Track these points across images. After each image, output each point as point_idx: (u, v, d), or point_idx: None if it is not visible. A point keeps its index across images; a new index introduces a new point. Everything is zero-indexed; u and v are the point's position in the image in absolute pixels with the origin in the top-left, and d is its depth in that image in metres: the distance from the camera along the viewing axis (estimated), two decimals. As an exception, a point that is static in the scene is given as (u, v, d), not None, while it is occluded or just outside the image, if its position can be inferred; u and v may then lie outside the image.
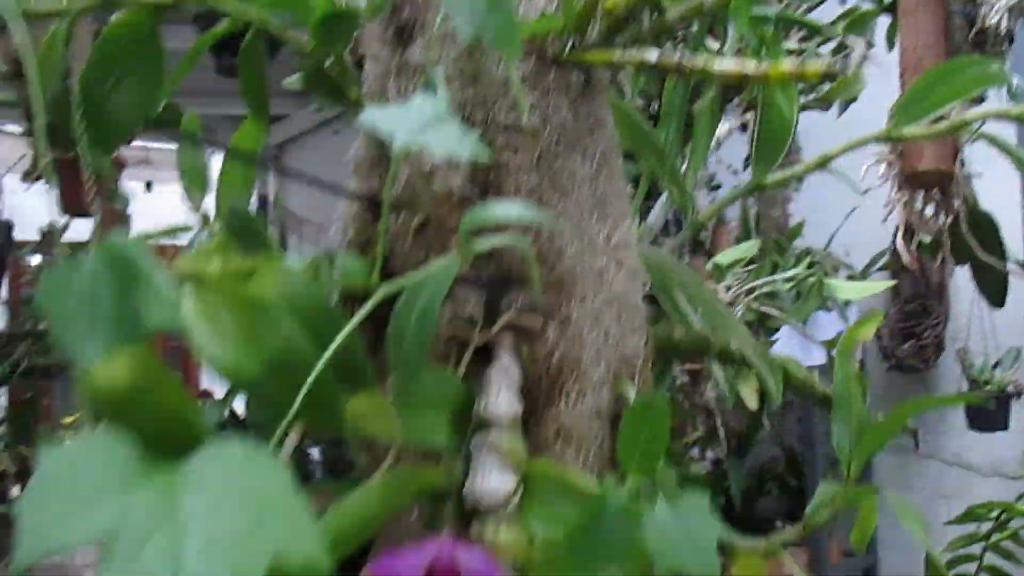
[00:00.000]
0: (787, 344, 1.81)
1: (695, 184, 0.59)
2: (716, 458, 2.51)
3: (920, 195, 0.95)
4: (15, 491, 2.06)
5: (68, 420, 2.20)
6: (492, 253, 0.40)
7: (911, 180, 0.92)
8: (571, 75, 0.42)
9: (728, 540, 0.60)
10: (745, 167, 2.27)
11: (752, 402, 1.73)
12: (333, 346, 0.27)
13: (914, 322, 2.40)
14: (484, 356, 0.40)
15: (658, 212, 0.61)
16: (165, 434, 0.23)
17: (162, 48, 0.44)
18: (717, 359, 0.56)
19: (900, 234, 1.15)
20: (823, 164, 0.55)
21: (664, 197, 0.60)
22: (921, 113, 0.47)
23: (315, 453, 3.65)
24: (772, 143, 0.56)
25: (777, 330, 1.72)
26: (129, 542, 0.20)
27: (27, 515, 0.20)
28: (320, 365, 0.26)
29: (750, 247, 1.77)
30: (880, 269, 2.35)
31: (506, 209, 0.33)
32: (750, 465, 2.73)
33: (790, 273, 1.62)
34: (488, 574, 0.30)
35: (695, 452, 2.59)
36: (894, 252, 2.29)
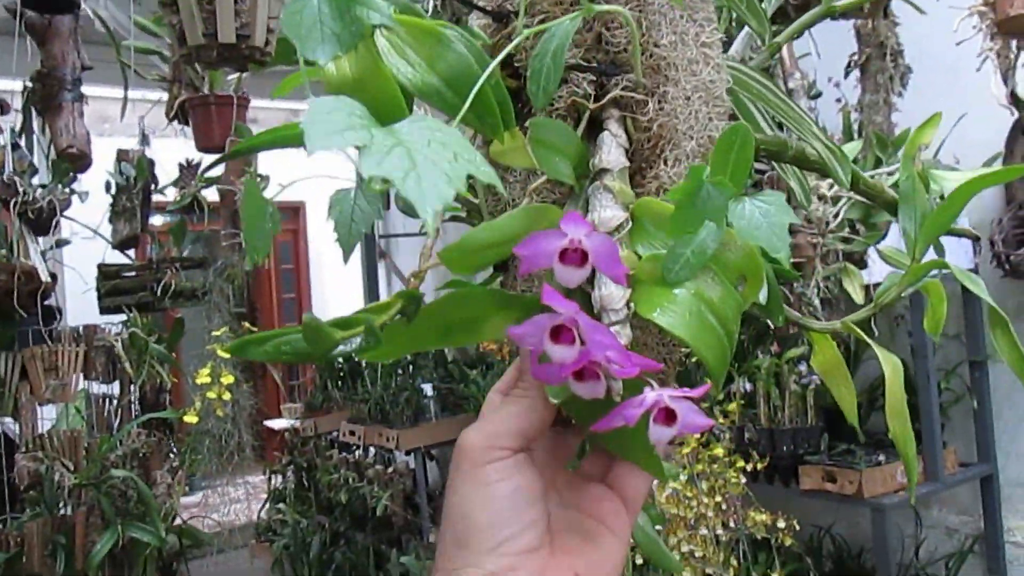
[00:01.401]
0: (897, 241, 1.82)
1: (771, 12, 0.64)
2: (825, 372, 2.54)
3: (1014, 43, 0.95)
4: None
5: (216, 333, 2.42)
6: (602, 42, 0.48)
7: (1004, 27, 0.92)
8: None
9: (804, 321, 0.66)
10: (846, 75, 2.25)
11: (858, 297, 1.76)
12: (494, 64, 0.36)
13: (1029, 226, 2.34)
14: (597, 129, 0.48)
15: (740, 43, 0.66)
16: (381, 110, 0.33)
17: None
18: (793, 162, 0.62)
19: (993, 83, 1.14)
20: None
21: (745, 30, 0.65)
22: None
23: (428, 389, 3.80)
24: None
25: (886, 228, 1.73)
26: (378, 150, 0.30)
27: (307, 130, 0.30)
28: (483, 77, 0.36)
29: (853, 147, 1.78)
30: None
31: None
32: (861, 379, 2.73)
33: (894, 167, 1.62)
34: (608, 250, 0.38)
35: (802, 368, 2.62)
36: (1006, 157, 2.24)
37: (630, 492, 0.44)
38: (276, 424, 4.38)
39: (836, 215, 1.62)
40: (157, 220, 3.27)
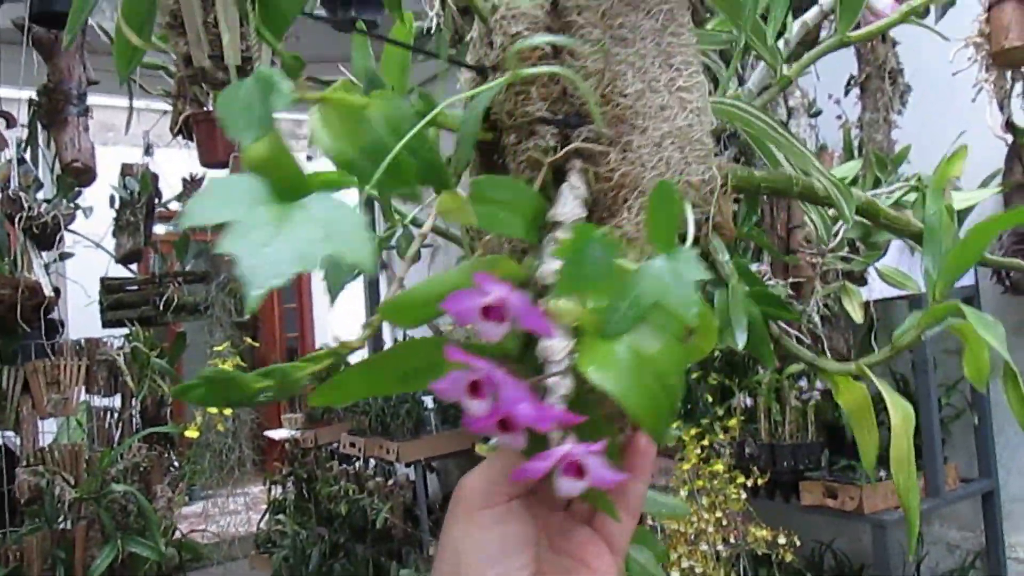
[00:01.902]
0: (896, 260, 1.82)
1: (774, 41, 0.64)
2: (825, 387, 2.54)
3: (1008, 73, 0.96)
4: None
5: (218, 348, 2.43)
6: (567, 95, 0.49)
7: (999, 59, 0.93)
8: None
9: (819, 362, 0.65)
10: (846, 93, 2.26)
11: (857, 316, 1.76)
12: (404, 140, 0.39)
13: (1029, 243, 2.34)
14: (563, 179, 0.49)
15: (757, 76, 0.66)
16: (285, 186, 0.37)
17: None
18: (800, 197, 0.61)
19: (988, 112, 1.15)
20: (906, 17, 0.60)
21: (762, 64, 0.66)
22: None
23: (428, 402, 3.80)
24: (851, 1, 0.61)
25: (885, 247, 1.74)
26: (238, 229, 0.33)
27: (189, 206, 0.34)
28: (395, 150, 0.38)
29: (853, 167, 1.79)
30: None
31: (545, 38, 0.45)
32: (861, 395, 2.73)
33: (893, 187, 1.62)
34: (524, 306, 0.38)
35: (803, 383, 2.62)
36: (1006, 174, 2.25)
37: (613, 534, 0.45)
38: (277, 434, 4.38)
39: (836, 234, 1.63)
40: (160, 229, 3.29)
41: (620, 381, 0.38)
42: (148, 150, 3.12)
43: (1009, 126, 1.16)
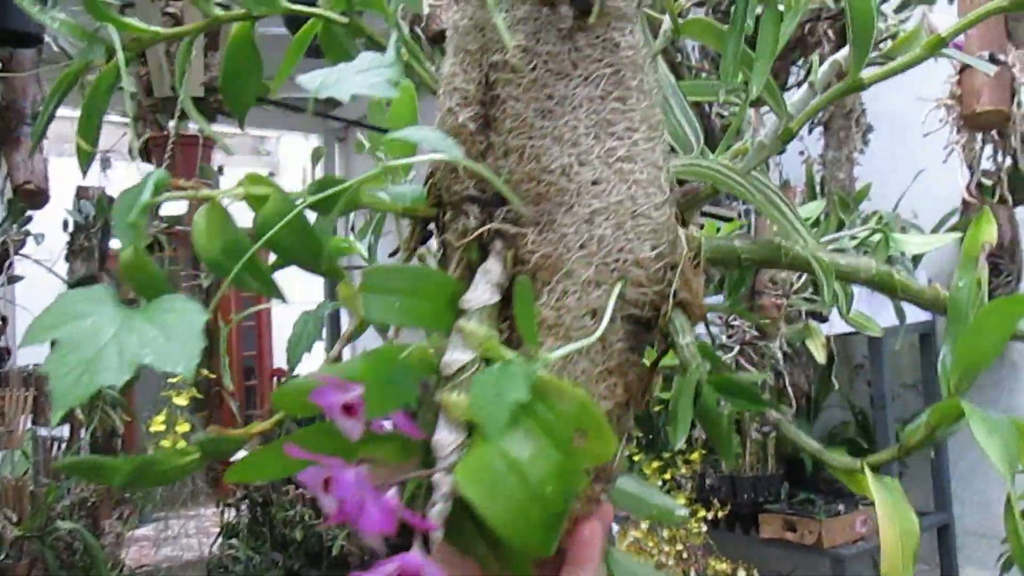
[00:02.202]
0: (857, 298, 1.83)
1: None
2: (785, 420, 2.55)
3: (979, 136, 0.97)
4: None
5: (172, 380, 2.37)
6: (496, 173, 0.46)
7: (970, 121, 0.94)
8: (561, 10, 0.46)
9: (823, 456, 0.61)
10: (810, 131, 2.29)
11: (820, 356, 1.77)
12: (261, 242, 0.40)
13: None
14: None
15: (771, 128, 0.63)
16: (147, 287, 0.40)
17: (257, 48, 0.58)
18: (790, 267, 0.58)
19: (960, 174, 1.16)
20: (933, 51, 0.56)
21: (775, 117, 0.62)
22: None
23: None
24: (862, 39, 0.57)
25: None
26: (70, 343, 0.35)
27: (34, 322, 0.36)
28: (252, 250, 0.40)
29: (816, 207, 1.80)
30: (950, 230, 2.34)
31: (410, 133, 0.44)
32: (821, 427, 2.76)
33: (857, 229, 1.64)
34: (403, 422, 0.37)
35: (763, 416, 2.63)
36: (963, 212, 2.30)
37: None
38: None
39: (800, 276, 1.64)
40: (116, 243, 3.22)
41: (483, 488, 0.35)
42: (107, 163, 3.06)
43: (979, 187, 1.18)
